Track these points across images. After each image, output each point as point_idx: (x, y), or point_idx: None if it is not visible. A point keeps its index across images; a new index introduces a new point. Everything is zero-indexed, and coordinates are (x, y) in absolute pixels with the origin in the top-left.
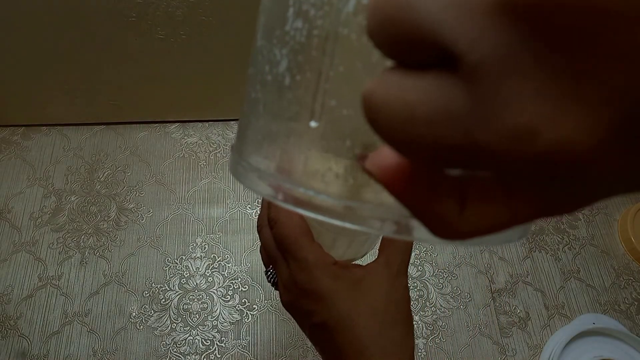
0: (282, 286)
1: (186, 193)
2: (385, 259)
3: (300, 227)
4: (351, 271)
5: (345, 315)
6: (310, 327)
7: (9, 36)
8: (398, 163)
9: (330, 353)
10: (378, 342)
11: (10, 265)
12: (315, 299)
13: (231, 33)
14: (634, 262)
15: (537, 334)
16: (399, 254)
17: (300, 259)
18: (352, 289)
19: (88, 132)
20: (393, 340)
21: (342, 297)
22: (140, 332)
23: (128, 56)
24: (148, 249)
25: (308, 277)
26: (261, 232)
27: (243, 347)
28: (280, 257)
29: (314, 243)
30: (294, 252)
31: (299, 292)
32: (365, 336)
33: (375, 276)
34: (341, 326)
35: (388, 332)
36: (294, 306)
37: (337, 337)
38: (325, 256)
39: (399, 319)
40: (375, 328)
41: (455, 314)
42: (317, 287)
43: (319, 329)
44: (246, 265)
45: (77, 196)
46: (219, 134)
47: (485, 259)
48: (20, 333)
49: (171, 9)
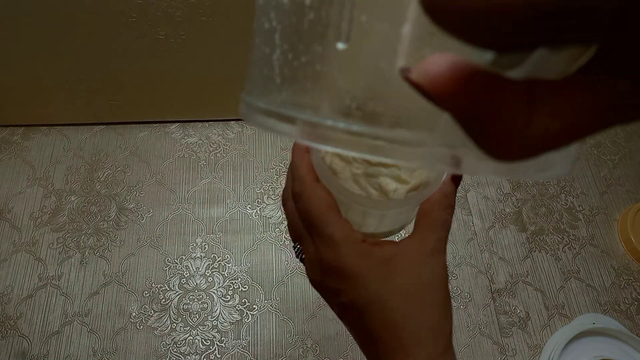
0: (308, 263)
1: (186, 193)
2: (420, 236)
3: (327, 201)
4: (382, 248)
5: (374, 295)
6: (338, 306)
7: (9, 36)
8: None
9: (360, 334)
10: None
11: (10, 265)
12: (342, 278)
13: (231, 33)
14: (634, 262)
15: (537, 334)
16: (435, 230)
17: (326, 235)
18: (382, 268)
19: (88, 132)
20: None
21: (371, 276)
22: (140, 332)
23: (128, 56)
24: (148, 249)
25: (334, 255)
26: (285, 206)
27: (243, 347)
28: (305, 232)
29: (341, 219)
30: (319, 228)
31: (324, 270)
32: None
33: (407, 254)
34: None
35: (421, 315)
36: (320, 284)
37: (366, 319)
38: (353, 232)
39: (434, 300)
40: (407, 310)
41: (455, 314)
42: (343, 265)
43: (347, 309)
44: (246, 265)
45: (77, 196)
46: (219, 134)
47: (485, 259)
48: (20, 333)
49: (171, 10)
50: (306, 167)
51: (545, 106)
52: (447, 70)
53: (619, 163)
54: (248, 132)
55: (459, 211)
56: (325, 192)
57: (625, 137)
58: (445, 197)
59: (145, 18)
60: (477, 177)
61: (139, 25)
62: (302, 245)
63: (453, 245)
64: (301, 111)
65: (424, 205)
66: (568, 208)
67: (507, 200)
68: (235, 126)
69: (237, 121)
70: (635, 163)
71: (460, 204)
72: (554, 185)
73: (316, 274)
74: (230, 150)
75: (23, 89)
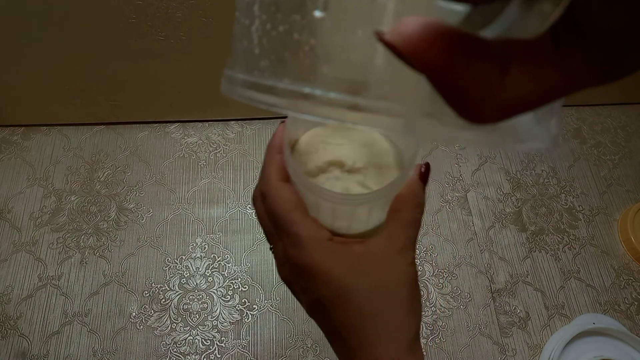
0: (278, 261)
1: (186, 193)
2: (389, 234)
3: (291, 201)
4: (349, 247)
5: (339, 293)
6: (306, 303)
7: (9, 36)
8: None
9: (328, 331)
10: (374, 322)
11: (10, 265)
12: (308, 276)
13: (231, 33)
14: (634, 262)
15: (537, 334)
16: (405, 229)
17: (292, 234)
18: (350, 266)
19: (88, 132)
20: (392, 320)
21: (337, 274)
22: (140, 332)
23: (128, 56)
24: (148, 249)
25: (300, 253)
26: (255, 206)
27: (243, 347)
28: (274, 231)
29: (307, 217)
30: (285, 227)
31: (292, 268)
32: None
33: (376, 252)
34: (336, 304)
35: (386, 312)
36: (290, 282)
37: (332, 316)
38: (319, 231)
39: (400, 297)
40: (372, 307)
41: (455, 314)
42: (310, 263)
43: (315, 306)
44: (246, 265)
45: (77, 196)
46: (219, 134)
47: (485, 259)
48: (20, 333)
49: (171, 10)
50: (274, 167)
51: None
52: (420, 30)
53: (619, 163)
54: (248, 132)
55: (459, 211)
56: (290, 193)
57: (625, 137)
58: (414, 196)
59: (145, 18)
60: (478, 177)
61: (139, 26)
62: (272, 244)
63: (453, 245)
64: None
65: (393, 205)
66: (568, 208)
67: (507, 200)
68: (235, 126)
69: (237, 121)
70: (635, 163)
71: (460, 204)
72: (554, 185)
73: (285, 271)
74: (230, 150)
75: (23, 89)
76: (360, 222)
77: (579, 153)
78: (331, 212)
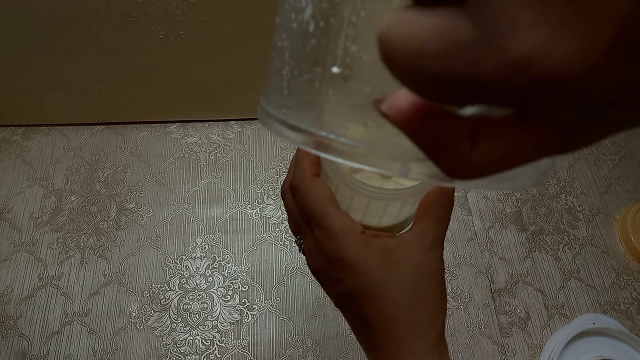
0: (308, 254)
1: (186, 193)
2: (419, 230)
3: (324, 194)
4: (381, 240)
5: (372, 285)
6: (336, 295)
7: (9, 36)
8: (412, 104)
9: (356, 322)
10: (406, 315)
11: (10, 265)
12: (342, 268)
13: (231, 33)
14: (634, 262)
15: (537, 334)
16: (434, 226)
17: (325, 227)
18: (382, 259)
19: (88, 132)
20: (422, 313)
21: (370, 266)
22: (140, 332)
23: (128, 56)
24: (148, 249)
25: (334, 246)
26: (285, 199)
27: (243, 347)
28: (304, 225)
29: (339, 211)
30: (318, 220)
31: (325, 260)
32: (393, 308)
33: (407, 247)
34: (368, 296)
35: (417, 305)
36: (321, 273)
37: (363, 307)
38: (352, 224)
39: (430, 292)
40: (404, 300)
41: (455, 314)
42: (344, 256)
43: (345, 298)
44: (246, 265)
45: (77, 196)
46: (219, 134)
47: (485, 259)
48: (20, 333)
49: (171, 9)
50: (308, 162)
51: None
52: (408, 107)
53: (619, 163)
54: (248, 132)
55: (459, 211)
56: (323, 186)
57: (625, 137)
58: (444, 195)
59: (145, 17)
60: None
61: (139, 25)
62: (302, 237)
63: (453, 245)
64: (301, 121)
65: (424, 203)
66: (568, 208)
67: (507, 200)
68: (235, 126)
69: (237, 121)
70: (635, 163)
71: (460, 204)
72: (554, 185)
73: (316, 263)
74: (230, 150)
75: (23, 89)
76: (390, 217)
77: (579, 153)
78: (364, 207)
